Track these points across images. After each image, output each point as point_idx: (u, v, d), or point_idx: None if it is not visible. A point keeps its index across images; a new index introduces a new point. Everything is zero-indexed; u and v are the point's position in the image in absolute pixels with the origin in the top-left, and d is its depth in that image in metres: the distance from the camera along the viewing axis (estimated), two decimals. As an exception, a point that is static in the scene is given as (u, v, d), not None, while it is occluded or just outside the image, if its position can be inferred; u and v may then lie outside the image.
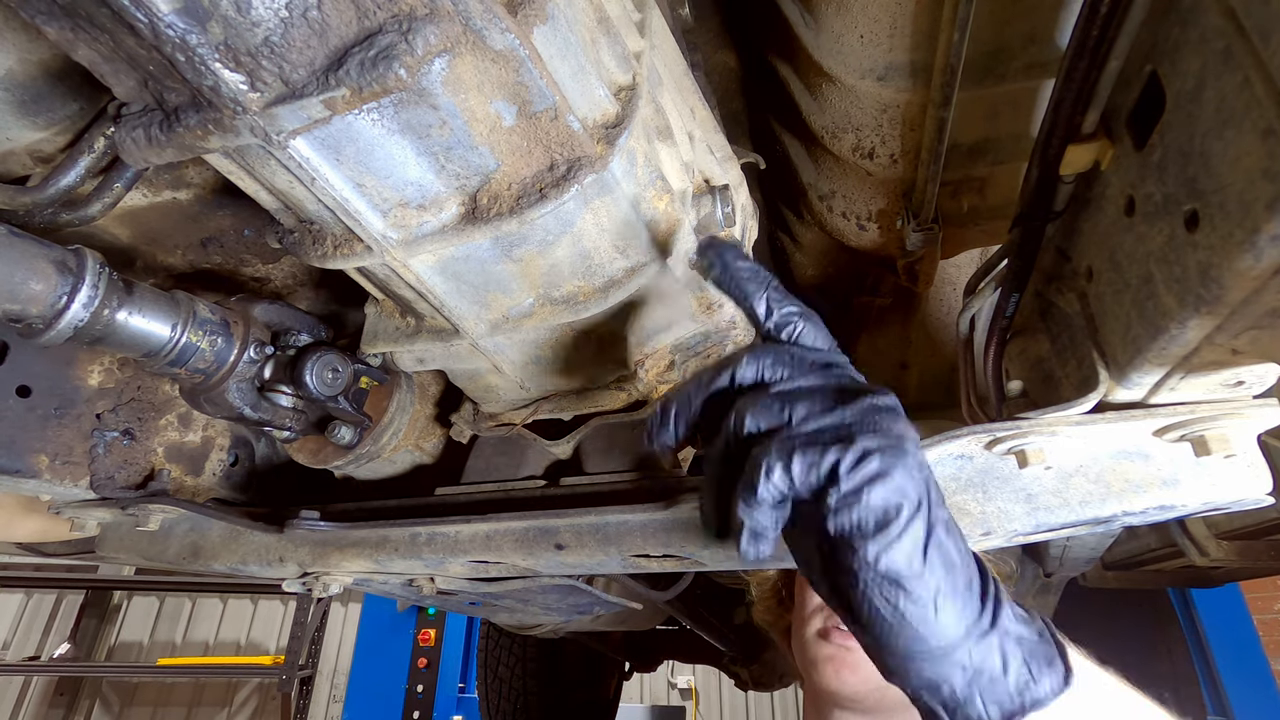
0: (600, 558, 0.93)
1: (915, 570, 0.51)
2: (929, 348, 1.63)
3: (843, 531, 0.52)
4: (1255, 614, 4.38)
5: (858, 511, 0.51)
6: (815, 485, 0.52)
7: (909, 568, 0.50)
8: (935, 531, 0.52)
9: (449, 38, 0.54)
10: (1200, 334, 0.57)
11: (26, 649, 7.58)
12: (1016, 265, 0.83)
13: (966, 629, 0.52)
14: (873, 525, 0.51)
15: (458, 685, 4.81)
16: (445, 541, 1.00)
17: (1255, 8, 0.45)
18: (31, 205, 0.80)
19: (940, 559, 0.51)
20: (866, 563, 0.51)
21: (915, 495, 0.51)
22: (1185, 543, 2.01)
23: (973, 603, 0.52)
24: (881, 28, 0.90)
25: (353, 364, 1.00)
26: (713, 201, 0.86)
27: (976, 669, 0.52)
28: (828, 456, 0.52)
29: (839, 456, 0.52)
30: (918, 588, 0.51)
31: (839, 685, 1.16)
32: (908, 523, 0.51)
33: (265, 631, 8.14)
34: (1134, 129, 0.61)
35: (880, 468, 0.51)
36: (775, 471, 0.53)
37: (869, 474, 0.51)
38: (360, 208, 0.68)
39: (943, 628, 0.51)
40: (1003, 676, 0.52)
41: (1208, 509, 0.75)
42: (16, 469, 0.98)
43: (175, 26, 0.49)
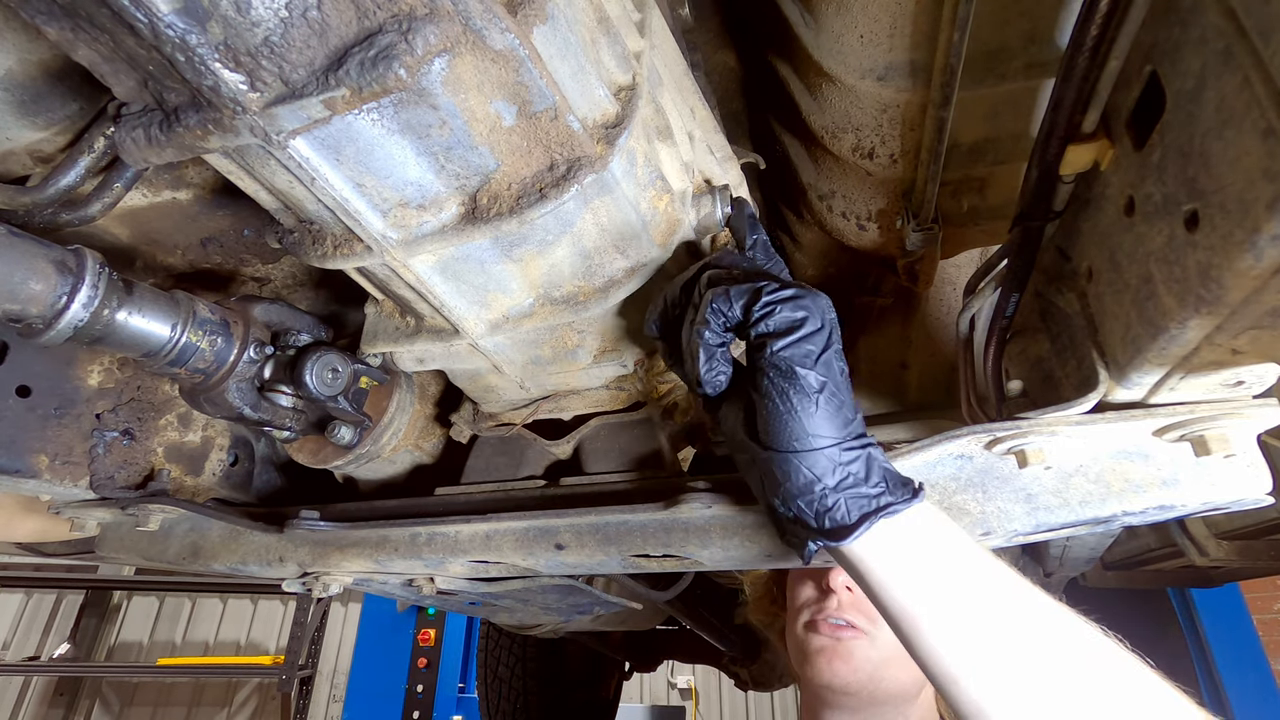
0: (600, 558, 0.93)
1: (807, 365, 0.66)
2: (929, 348, 1.63)
3: (760, 334, 0.68)
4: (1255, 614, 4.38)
5: (771, 321, 0.67)
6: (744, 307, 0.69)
7: (802, 362, 0.66)
8: (829, 351, 0.67)
9: (449, 38, 0.54)
10: (1200, 334, 0.57)
11: (26, 649, 7.58)
12: (1016, 265, 0.83)
13: (842, 436, 0.66)
14: (783, 327, 0.67)
15: (458, 685, 4.81)
16: (445, 541, 1.00)
17: (1255, 8, 0.45)
18: (31, 205, 0.80)
19: (829, 372, 0.66)
20: (770, 354, 0.67)
21: (819, 319, 0.67)
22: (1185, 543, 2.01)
23: (850, 421, 0.67)
24: (881, 27, 0.90)
25: (353, 364, 1.00)
26: (713, 201, 0.86)
27: (845, 469, 0.65)
28: (758, 286, 0.69)
29: (763, 286, 0.69)
30: (807, 380, 0.65)
31: (831, 676, 1.17)
32: (809, 333, 0.66)
33: (265, 631, 8.13)
34: (1134, 129, 0.61)
35: (793, 294, 0.68)
36: (720, 300, 0.70)
37: (783, 296, 0.67)
38: (360, 208, 0.68)
39: (820, 424, 0.65)
40: (864, 482, 0.66)
41: (1208, 509, 0.75)
42: (16, 469, 0.98)
43: (175, 26, 0.49)
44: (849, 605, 1.20)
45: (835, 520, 0.66)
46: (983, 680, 0.63)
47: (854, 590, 1.21)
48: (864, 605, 1.20)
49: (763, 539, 0.86)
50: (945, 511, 0.78)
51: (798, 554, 0.71)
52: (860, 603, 1.21)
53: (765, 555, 0.87)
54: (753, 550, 0.87)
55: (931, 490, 0.80)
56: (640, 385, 1.02)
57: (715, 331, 0.71)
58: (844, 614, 1.19)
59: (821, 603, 1.23)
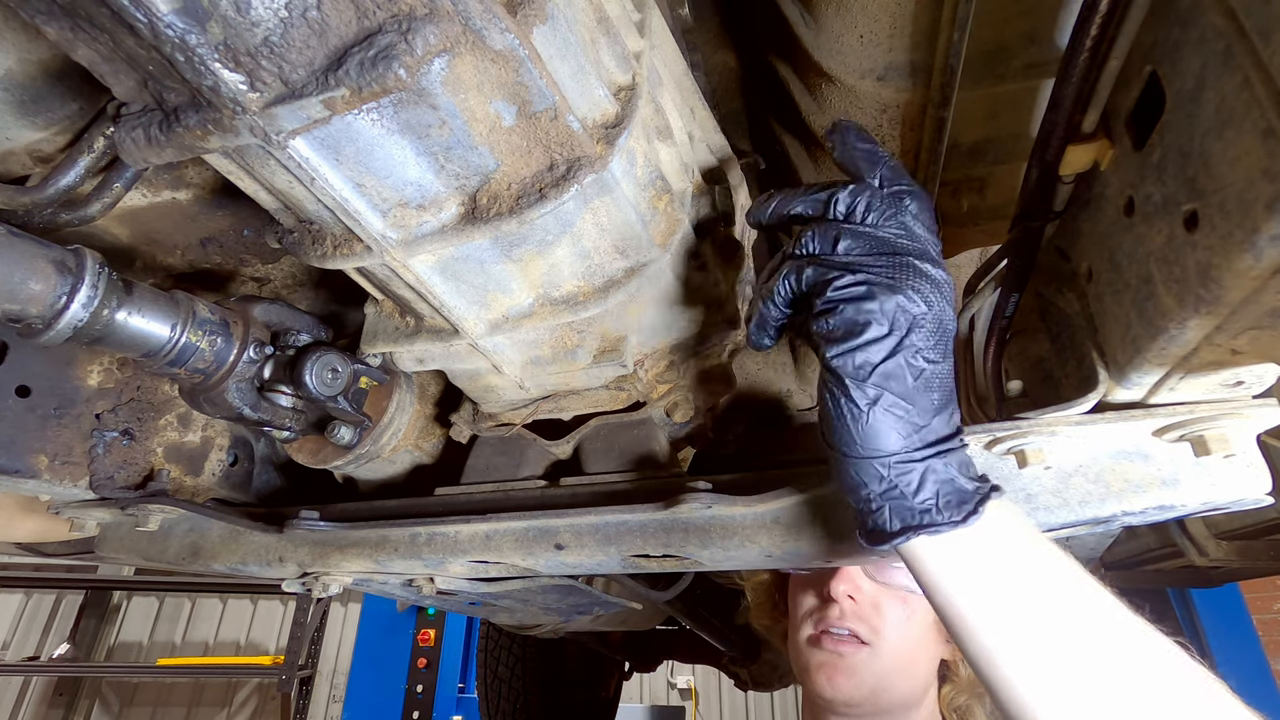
0: (600, 558, 0.93)
1: (860, 377, 0.62)
2: (929, 348, 1.63)
3: (819, 333, 0.64)
4: (1255, 614, 4.38)
5: (830, 320, 0.63)
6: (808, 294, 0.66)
7: (855, 373, 0.62)
8: (898, 357, 0.61)
9: (449, 38, 0.54)
10: (1200, 334, 0.57)
11: (26, 649, 7.58)
12: (1016, 265, 0.83)
13: (897, 449, 0.62)
14: (839, 332, 0.62)
15: (458, 685, 4.80)
16: (445, 541, 1.00)
17: (1255, 8, 0.45)
18: (31, 205, 0.80)
19: (893, 381, 0.62)
20: (827, 358, 0.63)
21: (889, 321, 0.61)
22: (1185, 543, 2.01)
23: (915, 434, 0.63)
24: (881, 28, 0.90)
25: (352, 364, 1.00)
26: (711, 201, 0.86)
27: (892, 483, 0.63)
28: (829, 275, 0.64)
29: (837, 276, 0.63)
30: (856, 393, 0.62)
31: (833, 692, 1.17)
32: (869, 340, 0.61)
33: (265, 631, 8.13)
34: (1134, 129, 0.61)
35: (864, 292, 0.62)
36: (791, 276, 0.67)
37: (852, 294, 0.62)
38: (360, 208, 0.68)
39: (871, 436, 0.62)
40: (913, 495, 0.63)
41: (1207, 509, 0.75)
42: (16, 469, 0.98)
43: (175, 26, 0.49)
44: (851, 614, 1.19)
45: (877, 524, 0.66)
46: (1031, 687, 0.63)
47: (856, 599, 1.20)
48: (867, 614, 1.19)
49: (763, 539, 0.86)
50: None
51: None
52: (863, 611, 1.20)
53: (766, 555, 0.87)
54: (753, 550, 0.87)
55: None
56: (640, 385, 1.02)
57: (778, 306, 0.70)
58: (846, 623, 1.19)
59: (823, 612, 1.22)
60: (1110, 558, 2.62)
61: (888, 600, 1.19)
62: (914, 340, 0.62)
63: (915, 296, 0.63)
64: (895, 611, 1.19)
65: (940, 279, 0.65)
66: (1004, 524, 0.66)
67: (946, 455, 0.64)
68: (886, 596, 1.20)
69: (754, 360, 1.78)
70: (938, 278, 0.65)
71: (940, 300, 0.64)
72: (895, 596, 1.19)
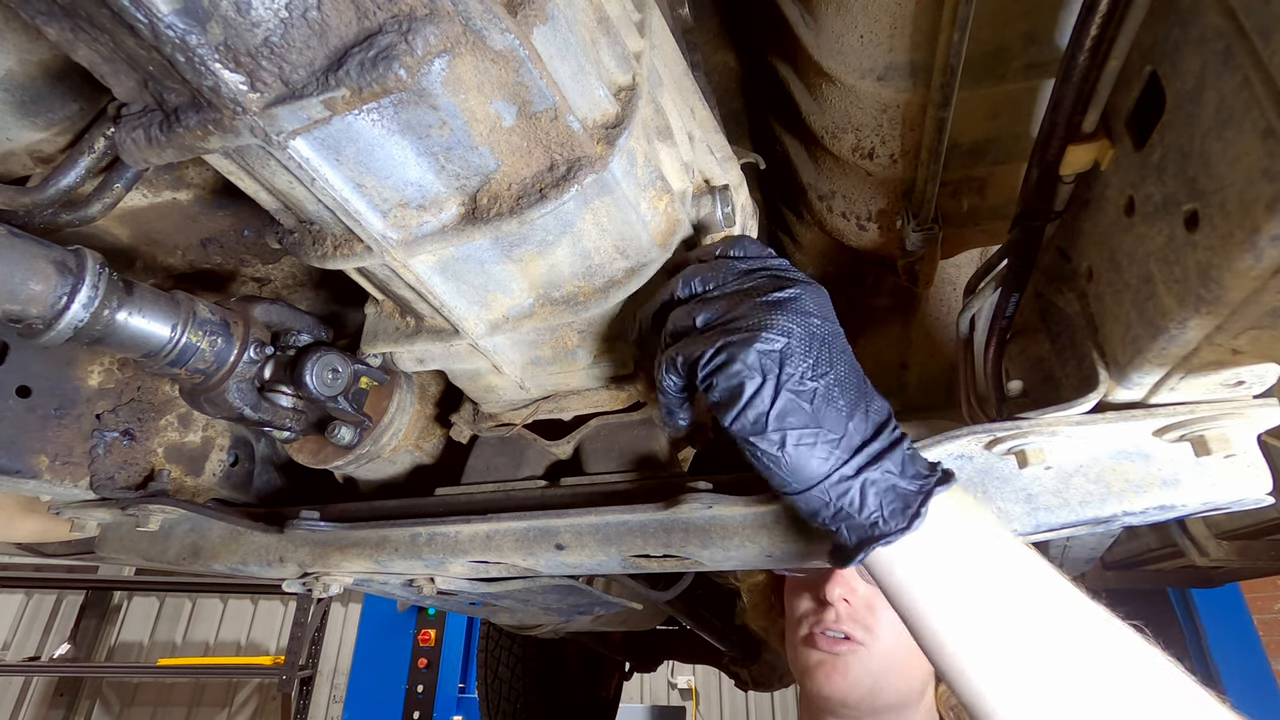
0: (600, 558, 0.93)
1: (759, 429, 0.64)
2: (929, 348, 1.63)
3: (714, 405, 0.68)
4: (1255, 614, 4.38)
5: (715, 393, 0.67)
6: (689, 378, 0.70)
7: (753, 429, 0.65)
8: (782, 395, 0.64)
9: (449, 38, 0.54)
10: (1200, 334, 0.57)
11: (26, 649, 7.58)
12: (1016, 265, 0.83)
13: (829, 471, 0.64)
14: (725, 400, 0.66)
15: (458, 685, 4.81)
16: (445, 541, 1.00)
17: (1255, 8, 0.45)
18: (31, 205, 0.80)
19: (790, 417, 0.64)
20: (725, 425, 0.67)
21: (759, 374, 0.64)
22: (1185, 543, 2.01)
23: (839, 454, 0.65)
24: (881, 28, 0.90)
25: (353, 364, 1.00)
26: (713, 202, 0.86)
27: (837, 505, 0.65)
28: (695, 354, 0.68)
29: (701, 352, 0.67)
30: (763, 443, 0.65)
31: (830, 690, 1.18)
32: (750, 397, 0.64)
33: (265, 632, 8.14)
34: (1134, 129, 0.61)
35: (725, 357, 0.65)
36: (670, 370, 0.72)
37: (715, 365, 0.66)
38: (360, 208, 0.68)
39: (799, 470, 0.65)
40: (858, 513, 0.65)
41: (1208, 509, 0.75)
42: (16, 469, 0.98)
43: (175, 27, 0.49)
44: (846, 617, 1.20)
45: (838, 543, 0.69)
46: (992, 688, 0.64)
47: (851, 601, 1.21)
48: (862, 616, 1.20)
49: (763, 539, 0.86)
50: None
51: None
52: (858, 612, 1.21)
53: (765, 555, 0.87)
54: (753, 550, 0.87)
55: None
56: (640, 385, 1.02)
57: (673, 392, 0.74)
58: (841, 626, 1.20)
59: (819, 615, 1.23)
60: (1111, 558, 2.62)
61: (882, 601, 1.20)
62: (790, 371, 0.64)
63: (772, 334, 0.65)
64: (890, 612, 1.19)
65: (790, 296, 0.68)
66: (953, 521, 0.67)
67: (880, 461, 0.65)
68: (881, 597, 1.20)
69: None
70: (788, 296, 0.68)
71: (799, 317, 0.66)
72: None
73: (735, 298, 0.71)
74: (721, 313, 0.70)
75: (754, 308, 0.68)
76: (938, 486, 0.66)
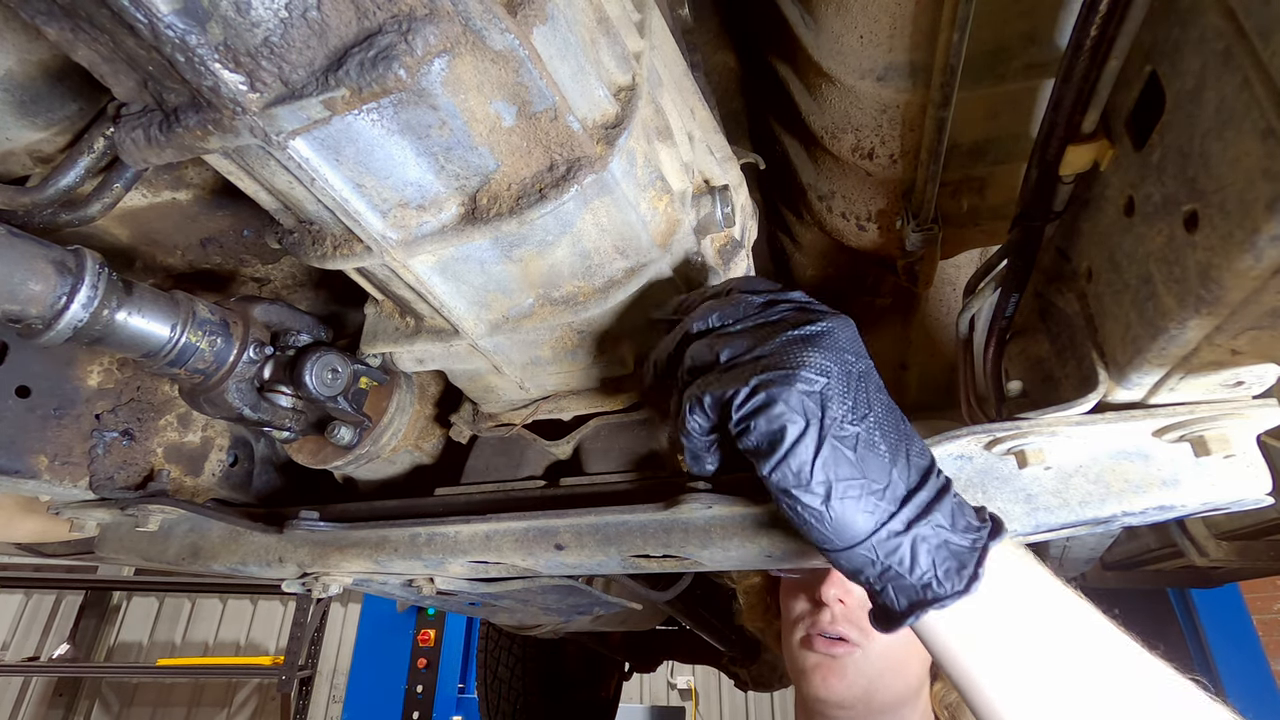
0: (600, 558, 0.93)
1: (802, 482, 0.58)
2: (929, 348, 1.63)
3: (747, 450, 0.62)
4: (1255, 614, 4.38)
5: (751, 438, 0.60)
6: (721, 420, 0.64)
7: (796, 481, 0.59)
8: (827, 442, 0.58)
9: (449, 38, 0.54)
10: (1200, 334, 0.57)
11: (26, 649, 7.57)
12: (1016, 265, 0.83)
13: (875, 527, 0.59)
14: (764, 447, 0.60)
15: (457, 685, 4.80)
16: (445, 542, 1.00)
17: (1255, 8, 0.45)
18: (31, 205, 0.80)
19: (835, 470, 0.58)
20: (764, 475, 0.60)
21: (802, 418, 0.59)
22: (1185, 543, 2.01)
23: (885, 506, 0.59)
24: (881, 28, 0.90)
25: (352, 364, 1.00)
26: (712, 202, 0.86)
27: (884, 564, 0.60)
28: (727, 394, 0.61)
29: (734, 391, 0.61)
30: (806, 497, 0.59)
31: (826, 692, 1.18)
32: (793, 444, 0.58)
33: (265, 632, 8.13)
34: (1134, 129, 0.61)
35: (765, 399, 0.59)
36: (696, 410, 0.65)
37: (755, 405, 0.60)
38: (360, 208, 0.68)
39: (844, 527, 0.59)
40: (909, 574, 0.60)
41: (1207, 509, 0.75)
42: (16, 469, 0.98)
43: (175, 27, 0.49)
44: (842, 618, 1.21)
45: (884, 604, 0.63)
46: None
47: (846, 602, 1.21)
48: (857, 617, 1.21)
49: (763, 539, 0.86)
50: None
51: None
52: (853, 614, 1.21)
53: (766, 555, 0.87)
54: (753, 550, 0.87)
55: (931, 490, 0.80)
56: (640, 385, 1.02)
57: (699, 435, 0.68)
58: (838, 627, 1.20)
59: (815, 616, 1.23)
60: (1110, 558, 2.62)
61: None
62: (833, 414, 0.59)
63: (812, 372, 0.60)
64: None
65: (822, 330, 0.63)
66: (1009, 577, 0.63)
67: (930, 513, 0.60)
68: None
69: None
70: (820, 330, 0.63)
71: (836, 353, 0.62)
72: None
73: (761, 331, 0.65)
74: (747, 348, 0.64)
75: (785, 344, 0.62)
76: (991, 540, 0.61)
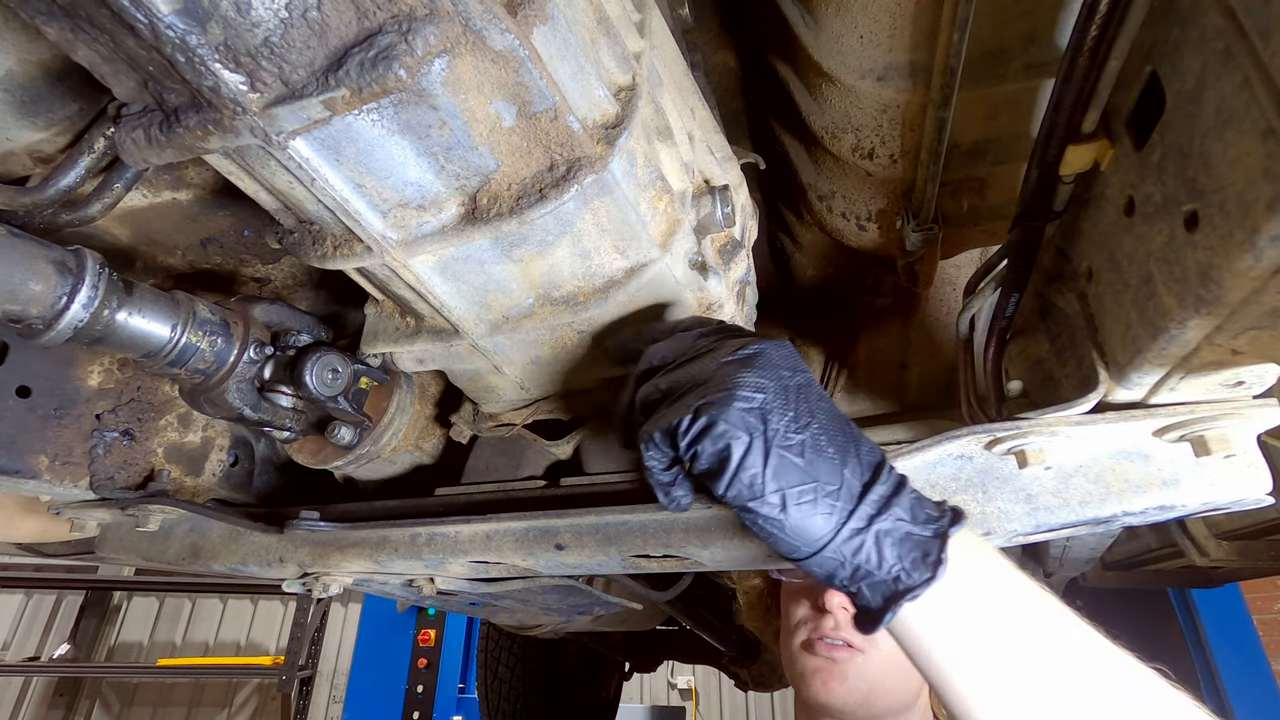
0: (600, 558, 0.93)
1: (756, 494, 0.60)
2: (929, 348, 1.63)
3: (701, 475, 0.63)
4: (1255, 614, 4.37)
5: (701, 461, 0.62)
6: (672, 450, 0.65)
7: (750, 494, 0.60)
8: (773, 453, 0.60)
9: (449, 38, 0.54)
10: (1200, 334, 0.57)
11: (26, 649, 7.57)
12: (1016, 265, 0.83)
13: (836, 528, 0.60)
14: (714, 468, 0.61)
15: (458, 685, 4.80)
16: (445, 542, 1.00)
17: (1255, 8, 0.45)
18: (31, 206, 0.80)
19: (786, 478, 0.60)
20: (720, 495, 0.61)
21: (745, 433, 0.60)
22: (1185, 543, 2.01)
23: (842, 505, 0.60)
24: (881, 28, 0.90)
25: (353, 364, 1.00)
26: (712, 202, 0.86)
27: (853, 563, 0.60)
28: (671, 424, 0.63)
29: (677, 420, 0.63)
30: (764, 508, 0.60)
31: (827, 697, 1.18)
32: (740, 459, 0.60)
33: (265, 632, 8.13)
34: (1134, 129, 0.61)
35: (707, 421, 0.61)
36: (650, 447, 0.66)
37: (698, 429, 0.61)
38: (360, 208, 0.68)
39: (805, 531, 0.60)
40: (878, 569, 0.60)
41: (1208, 509, 0.75)
42: (16, 469, 0.98)
43: (175, 27, 0.49)
44: (845, 624, 1.20)
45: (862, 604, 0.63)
46: None
47: (849, 609, 1.21)
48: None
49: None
50: None
51: None
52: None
53: (766, 555, 0.87)
54: (753, 550, 0.87)
55: (931, 490, 0.80)
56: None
57: (660, 470, 0.69)
58: (841, 633, 1.20)
59: (817, 621, 1.23)
60: (1110, 558, 2.62)
61: None
62: (775, 425, 0.61)
63: (748, 390, 0.61)
64: None
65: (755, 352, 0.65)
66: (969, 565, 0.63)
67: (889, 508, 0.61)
68: None
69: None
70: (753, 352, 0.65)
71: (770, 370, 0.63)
72: None
73: (698, 363, 0.68)
74: (687, 379, 0.67)
75: (720, 368, 0.65)
76: (952, 527, 0.62)
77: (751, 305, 1.13)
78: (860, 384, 1.70)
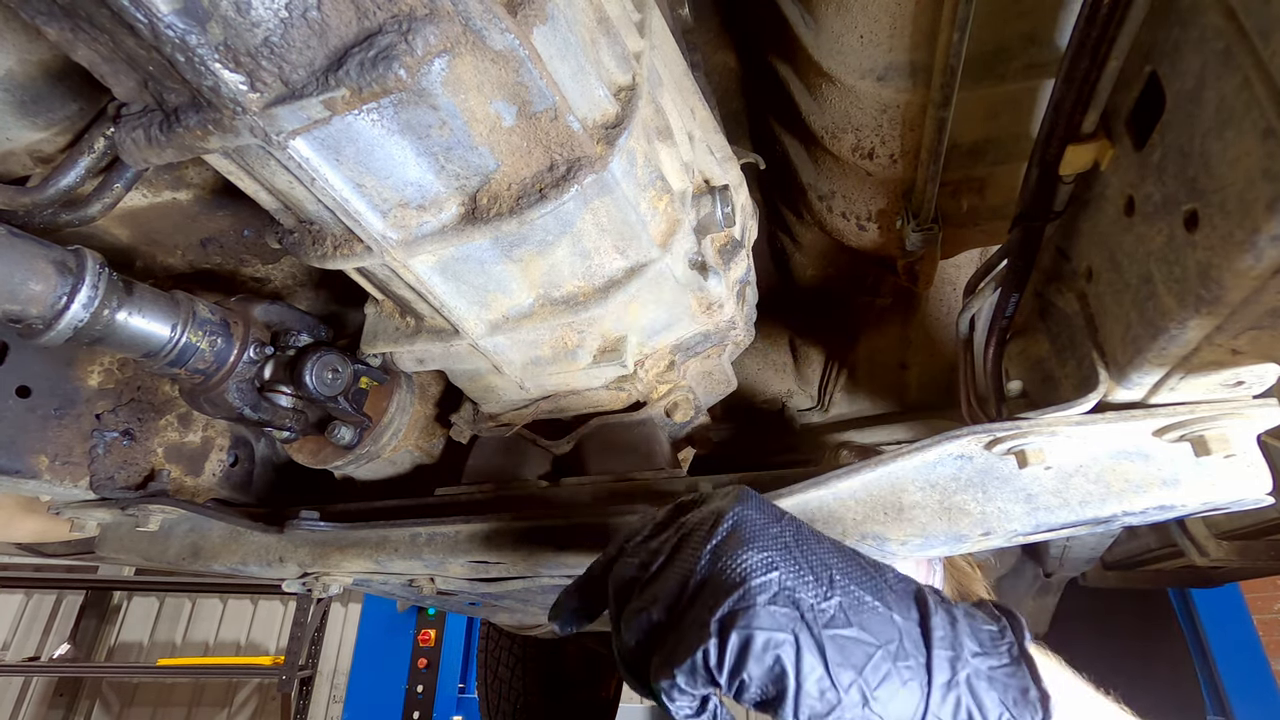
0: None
1: (832, 700, 0.49)
2: (929, 348, 1.63)
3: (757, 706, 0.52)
4: (1255, 614, 4.37)
5: (751, 692, 0.51)
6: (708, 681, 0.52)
7: (824, 704, 0.49)
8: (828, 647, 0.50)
9: (449, 38, 0.54)
10: (1200, 334, 0.57)
11: (26, 649, 7.57)
12: (1016, 265, 0.83)
13: (924, 696, 0.51)
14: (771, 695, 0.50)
15: (458, 685, 4.80)
16: (445, 541, 1.00)
17: (1255, 8, 0.45)
18: (31, 205, 0.80)
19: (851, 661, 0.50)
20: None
21: (787, 633, 0.50)
22: (1185, 543, 2.00)
23: (916, 672, 0.51)
24: (881, 28, 0.90)
25: (353, 364, 1.00)
26: (712, 202, 0.86)
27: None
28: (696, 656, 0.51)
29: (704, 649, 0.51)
30: (845, 711, 0.50)
31: None
32: (798, 671, 0.49)
33: (265, 632, 8.12)
34: (1134, 129, 0.61)
35: (739, 640, 0.50)
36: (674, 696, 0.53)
37: (733, 655, 0.50)
38: (360, 208, 0.68)
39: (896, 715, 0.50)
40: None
41: (1208, 509, 0.75)
42: (16, 469, 0.98)
43: (175, 27, 0.49)
44: None
45: None
46: None
47: None
48: None
49: (763, 539, 0.86)
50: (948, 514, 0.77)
51: None
52: None
53: None
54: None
55: (931, 490, 0.80)
56: (640, 385, 1.01)
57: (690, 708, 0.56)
58: None
59: None
60: (1110, 557, 2.62)
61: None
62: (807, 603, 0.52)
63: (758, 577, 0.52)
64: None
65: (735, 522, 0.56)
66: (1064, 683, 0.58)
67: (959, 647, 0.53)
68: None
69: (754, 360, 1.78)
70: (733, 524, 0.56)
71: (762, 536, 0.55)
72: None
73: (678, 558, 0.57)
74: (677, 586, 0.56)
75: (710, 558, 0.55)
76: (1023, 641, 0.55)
77: (751, 305, 1.13)
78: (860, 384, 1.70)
